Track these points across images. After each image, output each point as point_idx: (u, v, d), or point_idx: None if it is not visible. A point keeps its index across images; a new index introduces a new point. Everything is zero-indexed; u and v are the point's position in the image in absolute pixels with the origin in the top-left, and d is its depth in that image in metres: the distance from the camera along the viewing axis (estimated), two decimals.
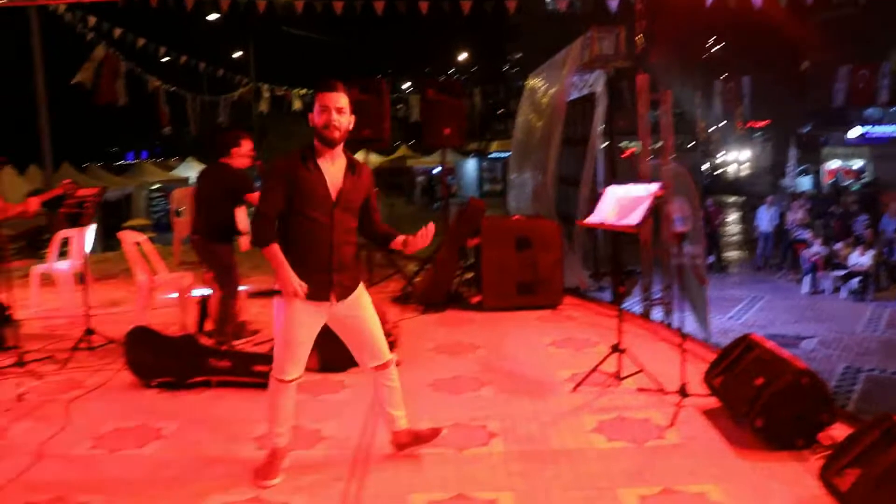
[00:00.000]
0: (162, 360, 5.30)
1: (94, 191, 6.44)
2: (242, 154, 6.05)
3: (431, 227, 3.72)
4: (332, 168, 3.70)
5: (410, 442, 4.10)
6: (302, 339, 3.79)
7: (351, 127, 3.70)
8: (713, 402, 4.66)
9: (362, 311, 3.91)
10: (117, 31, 15.43)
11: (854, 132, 38.86)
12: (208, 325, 6.43)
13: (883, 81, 22.93)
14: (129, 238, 7.18)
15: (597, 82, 11.00)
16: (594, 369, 5.18)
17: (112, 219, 23.85)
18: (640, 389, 5.01)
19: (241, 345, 6.19)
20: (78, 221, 6.32)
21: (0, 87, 26.89)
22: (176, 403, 5.05)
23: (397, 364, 5.69)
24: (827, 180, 35.36)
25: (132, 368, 5.37)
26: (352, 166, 3.75)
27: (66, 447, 4.36)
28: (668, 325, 7.91)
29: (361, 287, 3.93)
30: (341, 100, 3.64)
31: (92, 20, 14.98)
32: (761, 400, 4.00)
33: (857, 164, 35.40)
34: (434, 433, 4.14)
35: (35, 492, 3.79)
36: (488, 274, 7.47)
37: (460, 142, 8.91)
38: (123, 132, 43.04)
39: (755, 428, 4.02)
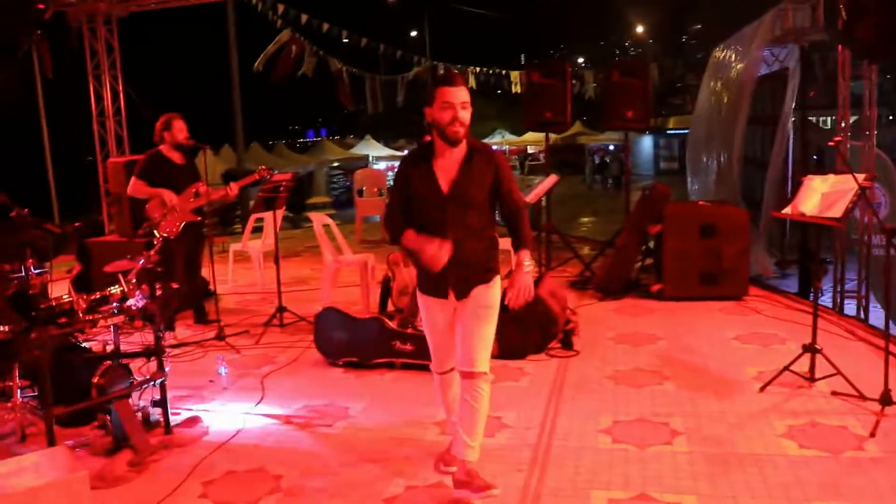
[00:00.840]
0: (349, 341, 5.54)
1: (289, 176, 6.79)
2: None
3: (529, 293, 3.46)
4: (449, 162, 3.48)
5: (464, 481, 3.54)
6: (434, 332, 3.71)
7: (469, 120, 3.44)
8: None
9: (476, 307, 3.53)
10: (303, 17, 16.20)
11: None
12: (390, 306, 6.64)
13: None
14: (319, 220, 7.54)
15: (788, 57, 10.38)
16: (785, 369, 4.91)
17: (294, 196, 25.08)
18: (835, 393, 4.70)
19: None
20: (273, 205, 6.69)
21: (198, 74, 28.84)
22: (361, 384, 5.27)
23: (575, 354, 5.72)
24: None
25: (320, 349, 5.66)
26: (469, 156, 3.48)
27: (263, 420, 4.66)
28: (864, 322, 7.39)
29: (492, 284, 3.58)
30: (463, 94, 3.40)
31: (281, 7, 15.79)
32: None
33: None
34: (487, 487, 3.50)
35: (237, 461, 4.08)
36: (670, 262, 7.24)
37: (644, 124, 8.64)
38: (304, 111, 44.96)
39: None
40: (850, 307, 8.25)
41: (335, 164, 33.12)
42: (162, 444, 4.28)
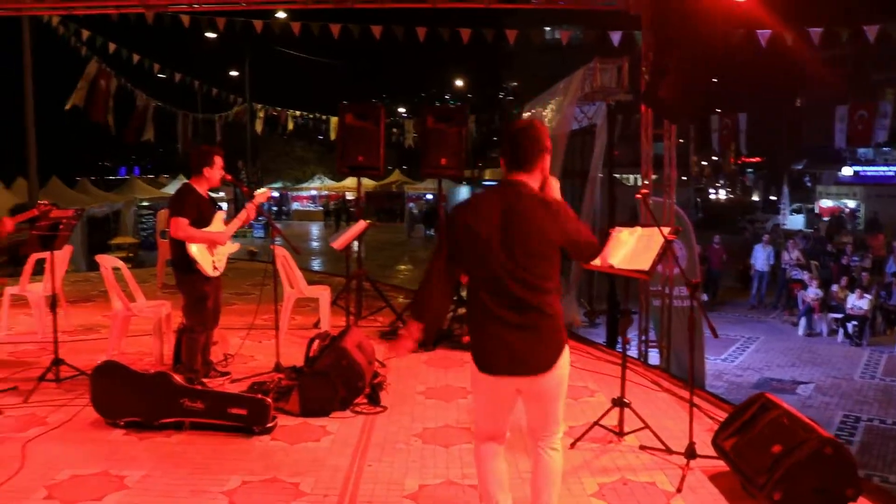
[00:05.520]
0: (131, 399, 4.92)
1: (70, 213, 6.07)
2: (214, 172, 5.81)
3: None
4: None
5: None
6: None
7: None
8: (722, 464, 4.32)
9: None
10: (111, 47, 15.21)
11: (846, 171, 39.05)
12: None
13: (881, 122, 22.92)
14: (107, 262, 6.82)
15: (597, 114, 10.80)
16: (595, 423, 4.83)
17: (98, 235, 23.43)
18: (643, 447, 4.66)
19: (219, 384, 5.83)
20: (51, 244, 5.96)
21: None
22: (143, 447, 4.66)
23: (383, 410, 5.38)
24: (823, 217, 35.30)
25: (97, 407, 4.99)
26: None
27: (17, 496, 3.97)
28: (668, 372, 7.60)
29: None
30: None
31: (85, 33, 14.73)
32: (780, 470, 3.66)
33: (850, 203, 35.41)
34: None
35: None
36: None
37: (458, 172, 8.51)
38: (118, 148, 42.81)
39: (772, 501, 3.67)
40: (654, 356, 8.54)
41: (145, 204, 31.37)
42: None
